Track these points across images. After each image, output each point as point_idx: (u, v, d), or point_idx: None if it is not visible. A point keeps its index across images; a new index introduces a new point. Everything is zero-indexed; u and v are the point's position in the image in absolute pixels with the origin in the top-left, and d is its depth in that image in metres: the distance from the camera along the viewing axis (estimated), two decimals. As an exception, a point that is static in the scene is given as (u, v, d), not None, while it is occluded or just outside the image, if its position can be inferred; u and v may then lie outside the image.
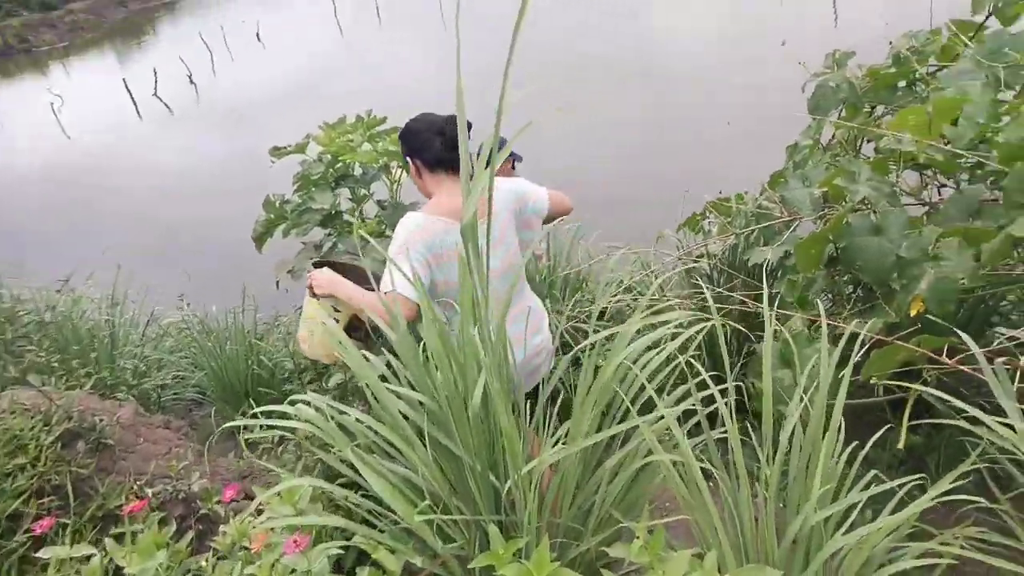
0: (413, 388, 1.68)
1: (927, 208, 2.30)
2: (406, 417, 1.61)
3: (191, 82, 17.57)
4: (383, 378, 1.77)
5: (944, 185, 2.47)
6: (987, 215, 1.87)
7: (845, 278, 2.24)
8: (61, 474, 1.92)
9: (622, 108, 10.61)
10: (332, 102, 13.61)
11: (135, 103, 16.29)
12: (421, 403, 1.54)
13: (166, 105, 16.13)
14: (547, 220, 2.20)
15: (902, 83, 2.69)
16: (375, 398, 1.61)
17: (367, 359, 1.72)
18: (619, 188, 7.60)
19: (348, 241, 2.84)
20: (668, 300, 2.84)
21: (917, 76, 2.61)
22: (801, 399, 1.48)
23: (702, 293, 2.81)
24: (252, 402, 3.39)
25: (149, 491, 2.07)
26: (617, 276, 3.16)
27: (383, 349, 1.93)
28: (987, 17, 2.52)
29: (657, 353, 1.69)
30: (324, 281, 2.04)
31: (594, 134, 9.28)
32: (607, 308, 2.90)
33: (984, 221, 1.87)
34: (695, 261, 2.90)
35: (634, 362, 1.66)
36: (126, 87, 16.54)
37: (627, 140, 9.45)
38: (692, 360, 1.74)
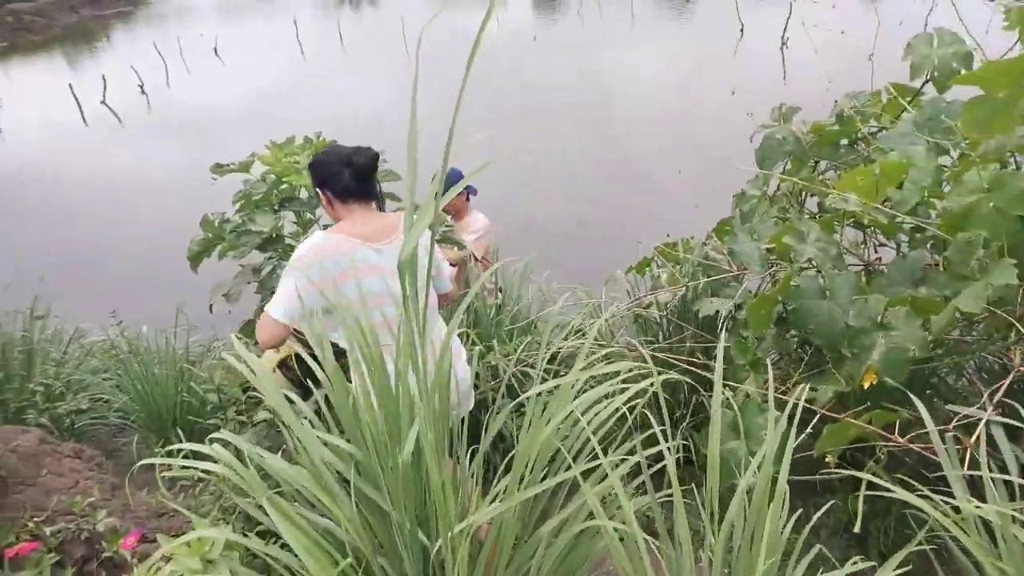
0: (342, 432, 1.58)
1: (866, 267, 2.34)
2: (333, 465, 1.51)
3: (142, 92, 17.10)
4: (316, 416, 1.66)
5: (883, 244, 2.53)
6: (931, 282, 1.89)
7: (795, 338, 2.25)
8: (-58, 512, 1.73)
9: (575, 150, 10.74)
10: (289, 123, 13.44)
11: (81, 109, 15.71)
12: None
13: (114, 113, 15.60)
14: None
15: (845, 141, 2.77)
16: (298, 441, 1.50)
17: (289, 398, 1.61)
18: (570, 227, 7.64)
19: (289, 268, 2.72)
20: (618, 347, 2.81)
21: (859, 135, 2.68)
22: (750, 468, 1.44)
23: (653, 342, 2.83)
24: (179, 432, 3.20)
25: (47, 530, 1.89)
26: (567, 319, 3.11)
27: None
28: (924, 83, 2.62)
29: (604, 405, 1.63)
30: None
31: (547, 173, 9.37)
32: (557, 353, 2.84)
33: (928, 288, 1.89)
34: (645, 308, 2.87)
35: (582, 413, 1.60)
36: (72, 92, 15.93)
37: (579, 181, 9.54)
38: (645, 411, 1.69)
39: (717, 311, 2.53)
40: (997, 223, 1.56)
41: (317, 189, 2.16)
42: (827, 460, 1.77)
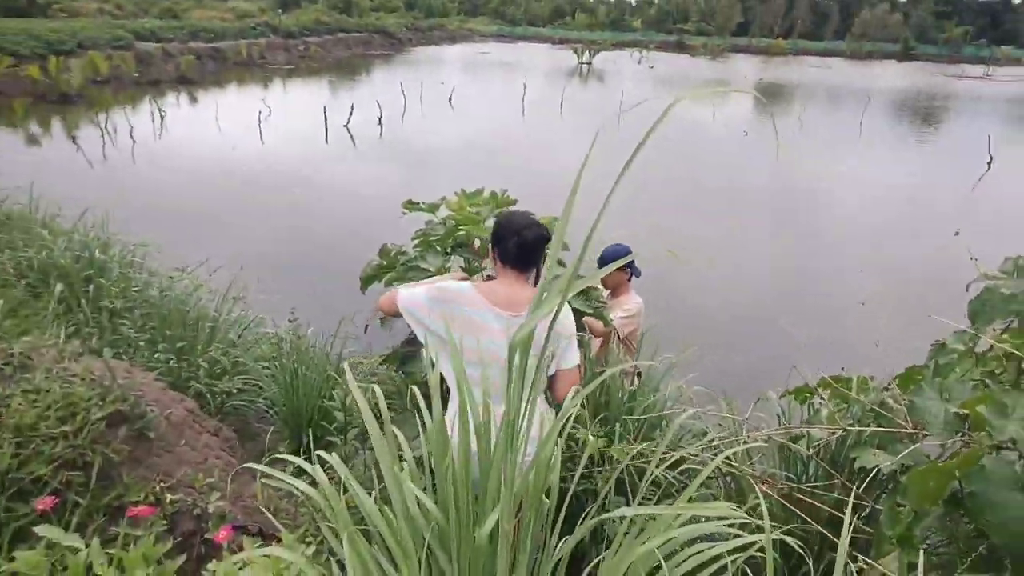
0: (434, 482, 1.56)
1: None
2: (416, 520, 1.49)
3: (379, 123, 19.18)
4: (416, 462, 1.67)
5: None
6: None
7: (969, 526, 1.88)
8: (95, 453, 1.95)
9: (755, 253, 10.20)
10: (490, 168, 14.49)
11: (327, 128, 17.97)
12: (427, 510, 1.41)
13: (351, 136, 17.64)
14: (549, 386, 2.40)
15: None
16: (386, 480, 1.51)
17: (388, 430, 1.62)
18: (727, 330, 7.19)
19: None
20: (751, 473, 2.55)
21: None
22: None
23: (792, 481, 2.53)
24: (311, 433, 3.40)
25: (169, 497, 2.06)
26: (703, 426, 2.90)
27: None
28: None
29: (712, 546, 1.46)
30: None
31: (720, 270, 8.96)
32: (682, 460, 2.64)
33: None
34: (792, 440, 2.58)
35: (681, 547, 1.44)
36: (324, 113, 18.33)
37: (747, 280, 9.04)
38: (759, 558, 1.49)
39: (878, 468, 2.20)
40: None
41: (490, 245, 2.38)
42: None
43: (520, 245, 2.25)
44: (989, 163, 16.13)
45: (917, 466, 2.16)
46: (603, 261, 3.61)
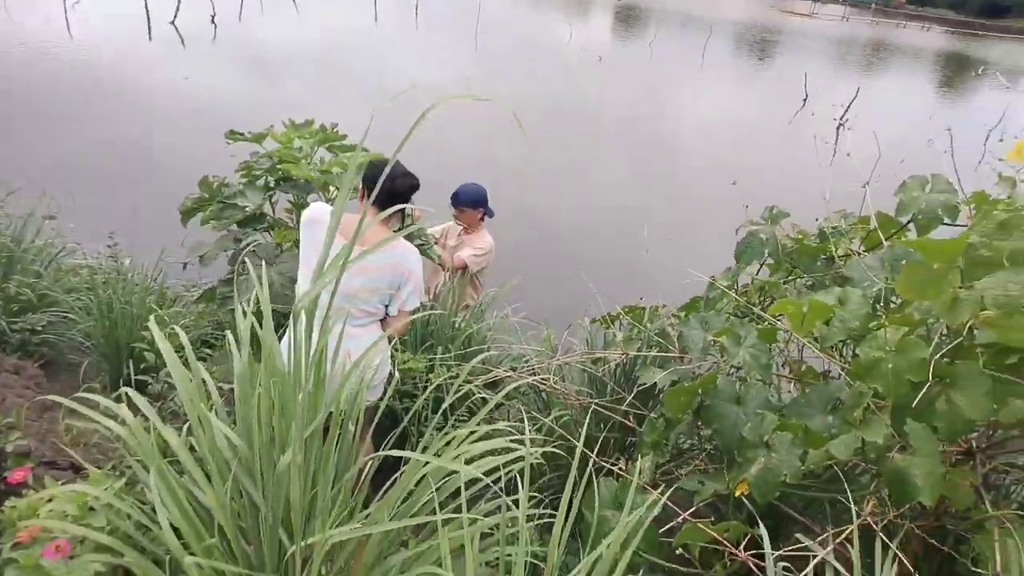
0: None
1: (798, 380, 2.40)
2: (223, 451, 1.60)
3: (212, 22, 17.40)
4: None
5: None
6: (840, 412, 1.96)
7: (707, 431, 2.31)
8: None
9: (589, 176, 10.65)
10: (333, 78, 13.78)
11: (150, 25, 16.04)
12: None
13: (180, 35, 15.91)
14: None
15: (823, 255, 2.83)
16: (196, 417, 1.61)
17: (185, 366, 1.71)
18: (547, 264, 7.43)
19: (267, 244, 2.83)
20: (560, 388, 2.89)
21: (836, 254, 2.74)
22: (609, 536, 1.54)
23: (591, 396, 2.90)
24: (133, 365, 3.32)
25: (-42, 441, 2.00)
26: (520, 350, 3.20)
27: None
28: (907, 223, 2.67)
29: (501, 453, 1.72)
30: None
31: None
32: (499, 381, 2.93)
33: (835, 418, 1.96)
34: (594, 363, 2.95)
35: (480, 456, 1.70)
36: (146, 7, 16.29)
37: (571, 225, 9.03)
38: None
39: (656, 384, 2.61)
40: (890, 383, 1.63)
41: (362, 181, 2.50)
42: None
43: (391, 190, 2.39)
44: (804, 99, 17.81)
45: (682, 381, 2.59)
46: (456, 198, 3.73)
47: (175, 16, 16.64)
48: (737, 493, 1.76)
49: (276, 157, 2.98)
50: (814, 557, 1.59)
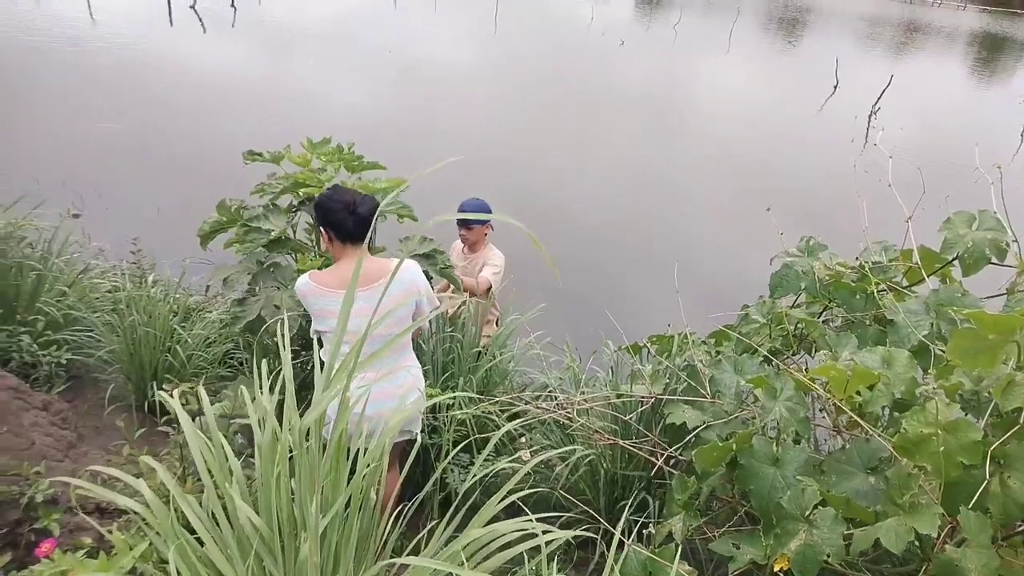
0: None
1: (836, 431, 2.31)
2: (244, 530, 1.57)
3: (232, 5, 17.33)
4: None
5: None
6: (882, 475, 1.88)
7: (738, 490, 2.24)
8: None
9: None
10: (357, 60, 13.64)
11: (170, 8, 16.02)
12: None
13: (200, 20, 15.88)
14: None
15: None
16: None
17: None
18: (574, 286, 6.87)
19: (287, 267, 2.79)
20: (583, 429, 2.82)
21: (875, 292, 2.63)
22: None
23: (617, 433, 2.83)
24: (156, 386, 3.30)
25: (-10, 489, 2.00)
26: (544, 379, 3.14)
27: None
28: (952, 260, 2.56)
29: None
30: None
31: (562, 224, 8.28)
32: (521, 413, 2.88)
33: (877, 480, 1.88)
34: (619, 396, 2.88)
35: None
36: (167, -9, 16.29)
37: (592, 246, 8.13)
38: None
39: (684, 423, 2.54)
40: (940, 464, 1.54)
41: (320, 227, 2.38)
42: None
43: (358, 221, 2.31)
44: (836, 85, 17.35)
45: (712, 425, 2.51)
46: (467, 218, 3.64)
47: (195, 1, 16.58)
48: (776, 568, 1.69)
49: (298, 180, 2.93)
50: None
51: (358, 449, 1.67)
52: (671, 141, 12.53)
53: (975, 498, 1.57)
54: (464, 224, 3.66)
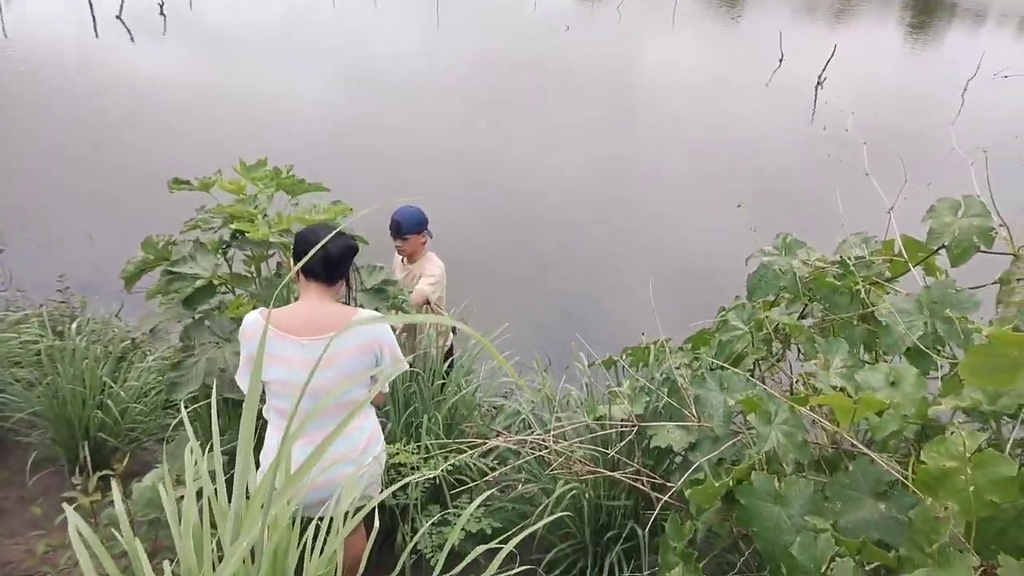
0: None
1: (837, 449, 2.14)
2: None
3: (161, 12, 16.55)
4: None
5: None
6: (893, 501, 1.71)
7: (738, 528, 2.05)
8: None
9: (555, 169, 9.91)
10: (298, 63, 13.13)
11: (95, 19, 15.21)
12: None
13: (128, 30, 15.11)
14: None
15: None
16: None
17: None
18: (537, 299, 6.33)
19: (223, 319, 2.50)
20: (559, 450, 2.61)
21: (858, 290, 2.47)
22: None
23: (600, 455, 2.63)
24: (88, 450, 2.99)
25: None
26: (514, 406, 2.92)
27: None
28: (937, 249, 2.41)
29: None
30: None
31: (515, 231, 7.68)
32: (494, 448, 2.66)
33: (888, 507, 1.71)
34: (597, 419, 2.67)
35: None
36: (90, 3, 15.42)
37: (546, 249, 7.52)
38: None
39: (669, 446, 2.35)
40: (969, 504, 1.37)
41: (293, 259, 2.28)
42: None
43: (326, 260, 2.10)
44: (780, 59, 17.43)
45: (700, 448, 2.33)
46: (399, 228, 3.37)
47: (120, 10, 15.76)
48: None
49: (230, 213, 2.63)
50: None
51: (313, 533, 1.43)
52: (627, 123, 12.40)
53: (1007, 534, 1.40)
54: (398, 234, 3.39)
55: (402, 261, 3.54)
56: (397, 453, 2.30)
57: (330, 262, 2.11)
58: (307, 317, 2.09)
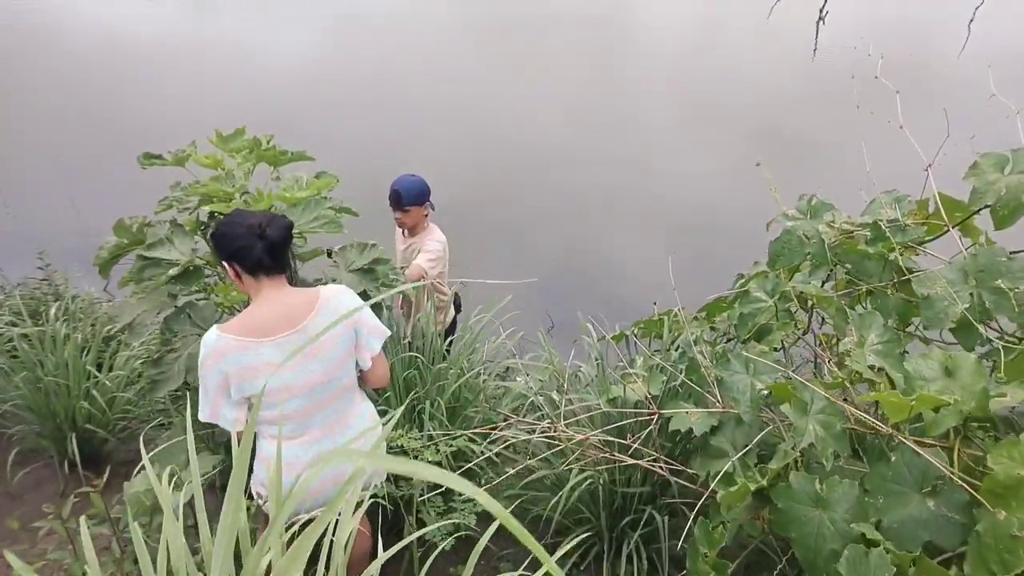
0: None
1: (876, 435, 1.99)
2: None
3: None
4: None
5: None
6: (943, 497, 1.57)
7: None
8: None
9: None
10: (286, 13, 12.55)
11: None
12: None
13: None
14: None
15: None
16: None
17: None
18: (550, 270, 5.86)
19: (206, 306, 2.31)
20: (572, 437, 2.46)
21: (891, 255, 2.27)
22: None
23: (614, 437, 2.47)
24: (76, 443, 2.87)
25: None
26: (520, 386, 2.76)
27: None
28: (979, 209, 2.20)
29: None
30: None
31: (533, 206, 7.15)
32: (500, 431, 2.51)
33: (937, 504, 1.57)
34: (610, 401, 2.52)
35: None
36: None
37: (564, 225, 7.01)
38: None
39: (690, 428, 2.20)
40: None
41: (223, 263, 1.91)
42: None
43: (270, 247, 1.84)
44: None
45: (724, 425, 2.18)
46: (399, 199, 3.15)
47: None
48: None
49: (205, 193, 2.40)
50: None
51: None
52: (621, 66, 11.95)
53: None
54: (398, 206, 3.16)
55: (403, 233, 3.33)
56: (400, 437, 2.15)
57: (274, 247, 1.85)
58: (274, 313, 1.87)
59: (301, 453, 1.93)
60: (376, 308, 2.53)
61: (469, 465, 2.36)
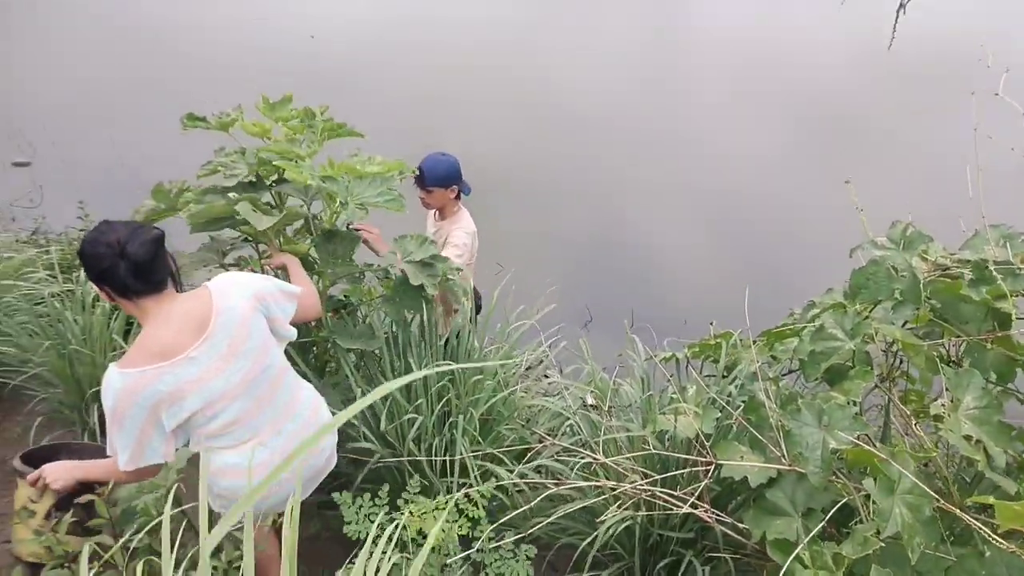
0: None
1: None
2: None
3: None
4: None
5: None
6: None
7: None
8: None
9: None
10: None
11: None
12: None
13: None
14: (295, 322, 2.00)
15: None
16: None
17: None
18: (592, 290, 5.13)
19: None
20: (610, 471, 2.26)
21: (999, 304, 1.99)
22: None
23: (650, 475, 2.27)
24: (97, 415, 2.79)
25: None
26: (559, 405, 2.56)
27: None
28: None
29: None
30: (64, 474, 1.73)
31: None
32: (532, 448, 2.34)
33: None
34: (658, 435, 2.30)
35: None
36: None
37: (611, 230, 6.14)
38: None
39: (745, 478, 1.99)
40: None
41: (94, 284, 1.73)
42: None
43: (134, 268, 1.63)
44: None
45: (783, 477, 1.96)
46: (423, 178, 2.92)
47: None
48: None
49: (265, 153, 2.28)
50: None
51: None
52: (678, 42, 11.39)
53: None
54: (421, 185, 2.96)
55: (434, 216, 3.13)
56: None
57: (143, 268, 1.64)
58: (172, 330, 1.69)
59: (258, 455, 1.80)
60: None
61: (500, 483, 2.20)
